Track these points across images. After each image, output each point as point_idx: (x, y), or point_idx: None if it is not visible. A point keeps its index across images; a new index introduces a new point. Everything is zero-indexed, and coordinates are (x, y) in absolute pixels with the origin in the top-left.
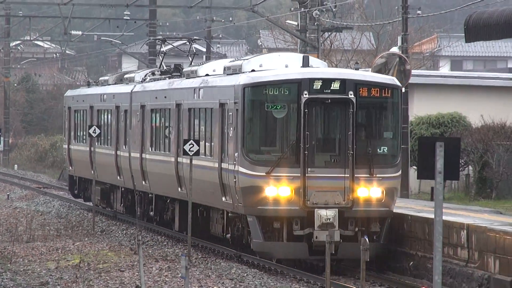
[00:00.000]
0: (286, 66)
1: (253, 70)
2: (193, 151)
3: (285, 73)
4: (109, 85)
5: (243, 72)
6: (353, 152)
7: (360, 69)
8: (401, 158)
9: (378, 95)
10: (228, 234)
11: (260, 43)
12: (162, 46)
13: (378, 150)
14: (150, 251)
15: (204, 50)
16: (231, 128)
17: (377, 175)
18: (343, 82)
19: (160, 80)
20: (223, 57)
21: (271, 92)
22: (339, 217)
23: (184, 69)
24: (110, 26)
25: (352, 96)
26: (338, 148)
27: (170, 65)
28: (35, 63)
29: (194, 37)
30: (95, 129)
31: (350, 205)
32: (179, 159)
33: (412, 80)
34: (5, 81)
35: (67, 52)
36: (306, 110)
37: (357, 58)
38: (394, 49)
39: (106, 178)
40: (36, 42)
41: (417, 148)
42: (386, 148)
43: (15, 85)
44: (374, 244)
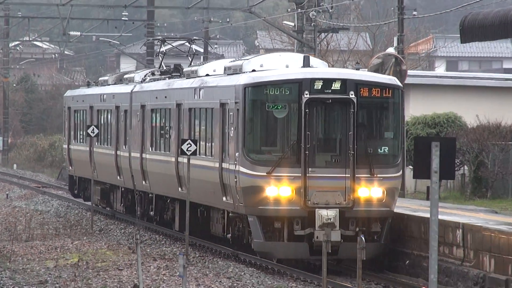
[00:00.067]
0: (287, 66)
1: (253, 70)
2: (190, 150)
3: (286, 73)
4: (109, 85)
5: (244, 72)
6: (354, 152)
7: (361, 69)
8: (402, 158)
9: (379, 95)
10: (229, 234)
11: (257, 44)
12: (162, 46)
13: (379, 150)
14: (148, 250)
15: (202, 50)
16: (232, 128)
17: (378, 175)
18: (344, 82)
19: (160, 80)
20: (221, 57)
21: (272, 92)
22: (340, 217)
23: (185, 69)
24: (109, 27)
25: (353, 96)
26: (339, 148)
27: (169, 65)
28: (34, 64)
29: (194, 38)
30: (93, 129)
31: (351, 205)
32: (180, 159)
33: (408, 80)
34: (4, 81)
35: (65, 52)
36: (307, 110)
37: (353, 59)
38: (390, 50)
39: (106, 178)
40: (35, 42)
41: (413, 148)
42: (387, 148)
43: (14, 85)
44: (374, 244)
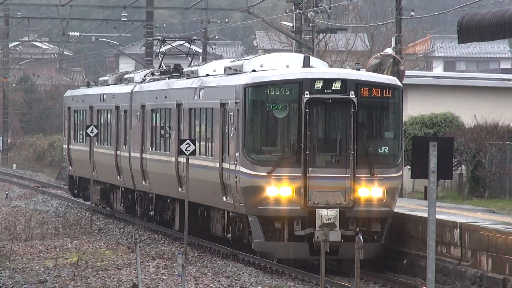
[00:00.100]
0: (287, 66)
1: (254, 70)
2: (189, 150)
3: (286, 73)
4: (109, 85)
5: (244, 72)
6: (354, 152)
7: (361, 69)
8: (402, 158)
9: (379, 95)
10: (229, 234)
11: (256, 44)
12: (162, 46)
13: (379, 150)
14: (147, 250)
15: (201, 51)
16: (232, 128)
17: (378, 175)
18: (344, 82)
19: (160, 80)
20: (219, 58)
21: (272, 92)
22: (340, 217)
23: (185, 69)
24: (108, 27)
25: (353, 96)
26: (339, 148)
27: (169, 66)
28: (34, 64)
29: (194, 38)
30: (92, 129)
31: (351, 205)
32: (180, 159)
33: (405, 80)
34: (3, 82)
35: (65, 53)
36: (307, 110)
37: (351, 59)
38: (388, 50)
39: (106, 178)
40: (34, 43)
41: (411, 147)
42: (387, 148)
43: (14, 85)
44: (375, 244)
